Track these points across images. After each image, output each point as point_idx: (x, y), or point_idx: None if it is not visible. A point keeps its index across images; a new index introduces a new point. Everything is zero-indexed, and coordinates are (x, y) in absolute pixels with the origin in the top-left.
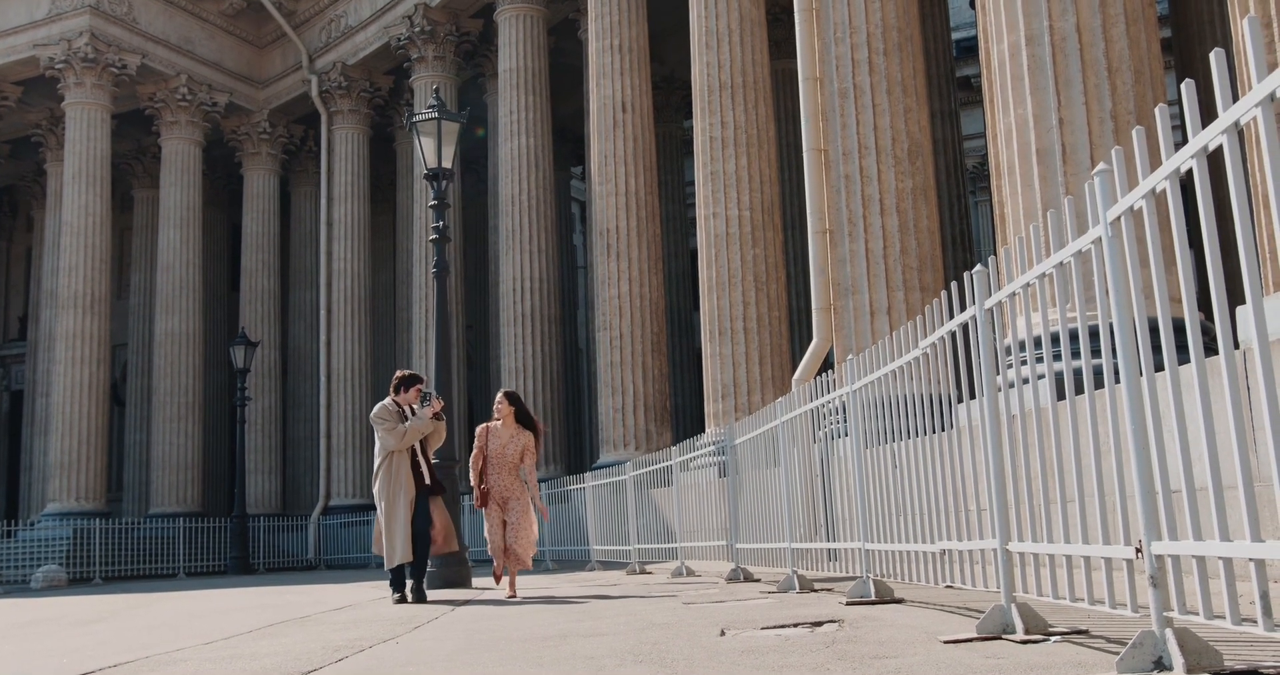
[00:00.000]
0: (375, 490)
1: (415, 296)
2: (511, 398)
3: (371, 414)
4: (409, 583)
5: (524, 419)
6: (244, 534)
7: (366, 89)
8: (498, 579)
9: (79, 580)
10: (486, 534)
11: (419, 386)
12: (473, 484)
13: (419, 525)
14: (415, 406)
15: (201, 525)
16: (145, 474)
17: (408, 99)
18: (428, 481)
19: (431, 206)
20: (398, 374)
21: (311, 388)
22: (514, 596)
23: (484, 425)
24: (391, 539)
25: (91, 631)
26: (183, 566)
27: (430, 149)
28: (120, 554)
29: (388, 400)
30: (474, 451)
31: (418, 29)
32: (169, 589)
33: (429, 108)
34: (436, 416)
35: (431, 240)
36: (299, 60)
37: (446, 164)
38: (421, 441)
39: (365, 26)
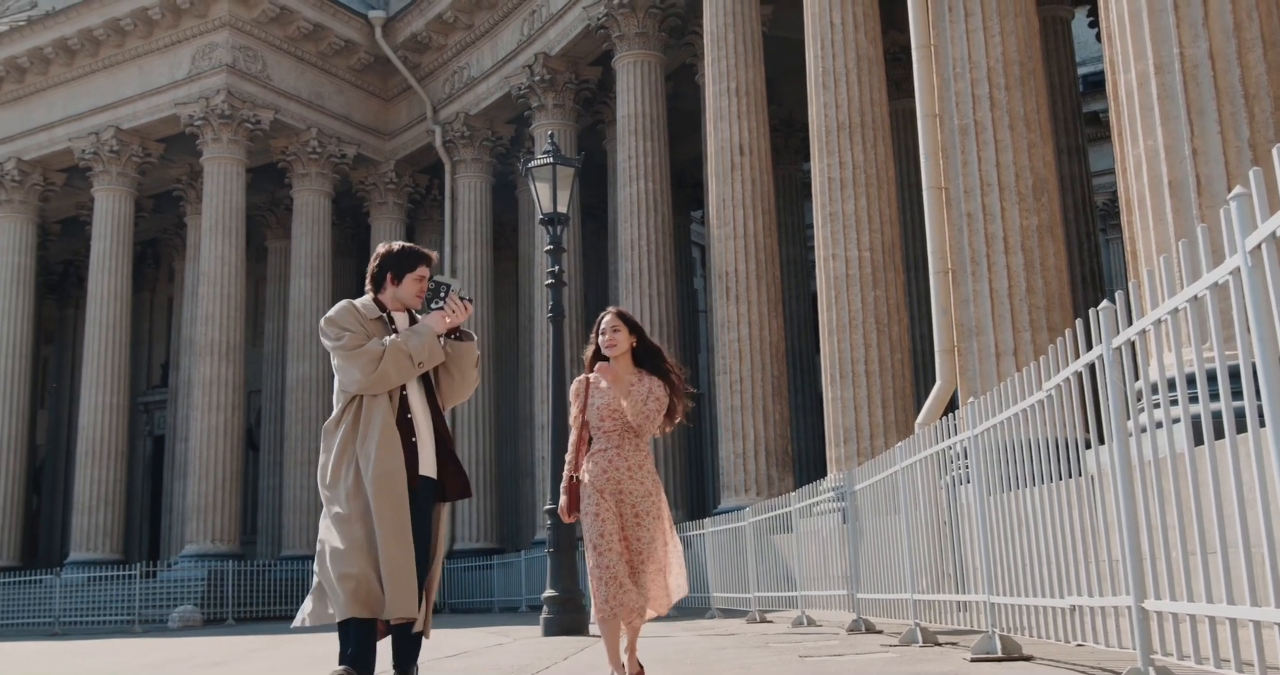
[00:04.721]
0: (320, 475)
1: (537, 341)
2: (629, 320)
3: (321, 322)
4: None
5: (649, 360)
6: None
7: (488, 138)
8: (615, 664)
9: (213, 620)
10: (590, 551)
11: (423, 270)
12: (565, 480)
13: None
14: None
15: None
16: (278, 517)
17: (528, 146)
18: (425, 470)
19: (548, 251)
20: (380, 248)
21: None
22: None
23: (581, 377)
24: (342, 565)
25: None
26: None
27: (546, 194)
28: (252, 595)
29: (363, 299)
30: (574, 433)
31: (537, 78)
32: (297, 632)
33: (544, 153)
34: (458, 335)
35: (548, 285)
36: (423, 112)
37: (562, 209)
38: (429, 388)
39: (487, 77)
